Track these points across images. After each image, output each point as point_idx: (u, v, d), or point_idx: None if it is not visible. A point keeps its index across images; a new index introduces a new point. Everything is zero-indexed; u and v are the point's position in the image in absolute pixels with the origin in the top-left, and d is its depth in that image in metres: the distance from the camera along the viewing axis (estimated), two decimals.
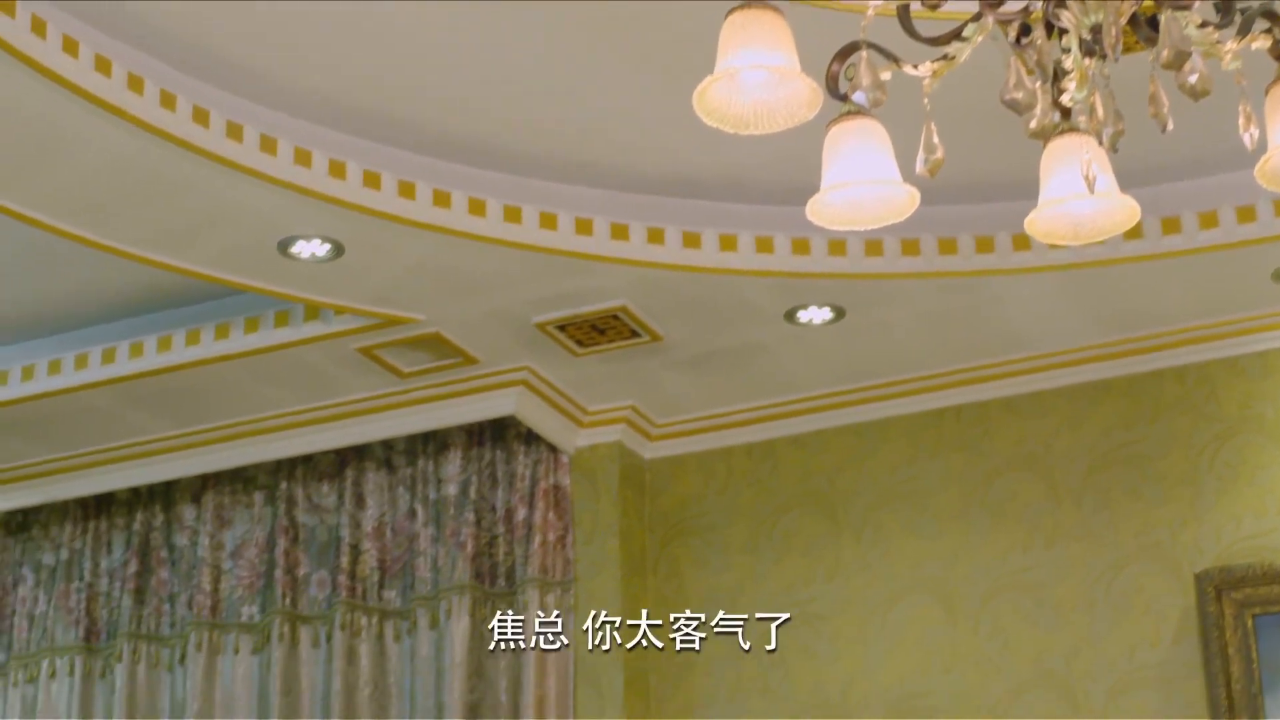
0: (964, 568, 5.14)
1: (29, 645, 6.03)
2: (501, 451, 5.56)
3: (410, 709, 5.44)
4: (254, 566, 5.77)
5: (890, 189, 2.63)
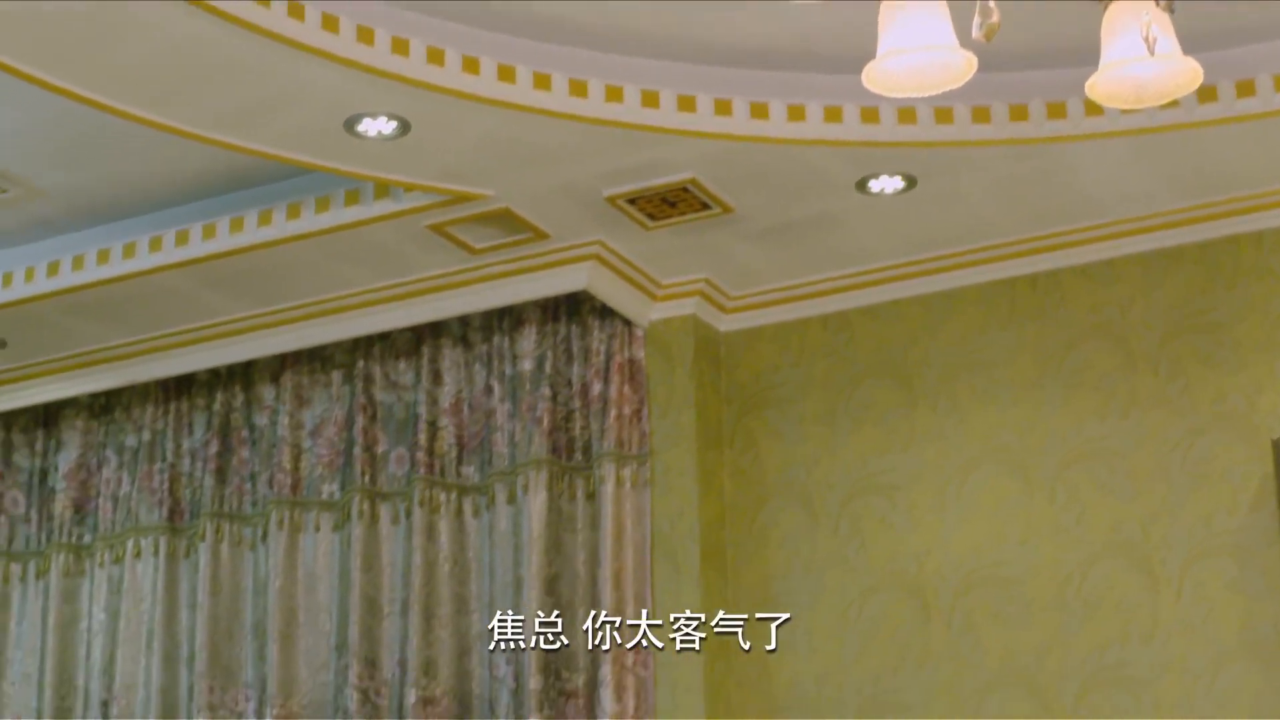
0: (1039, 437, 5.16)
1: (114, 526, 6.18)
2: (576, 326, 5.62)
3: (489, 583, 5.55)
4: (333, 445, 5.88)
5: (947, 54, 2.64)
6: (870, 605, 5.28)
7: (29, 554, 6.35)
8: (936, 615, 5.18)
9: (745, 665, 5.37)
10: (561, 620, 5.35)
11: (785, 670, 5.33)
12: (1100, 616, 4.99)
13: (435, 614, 5.53)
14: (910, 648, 5.20)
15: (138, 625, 6.02)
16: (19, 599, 6.34)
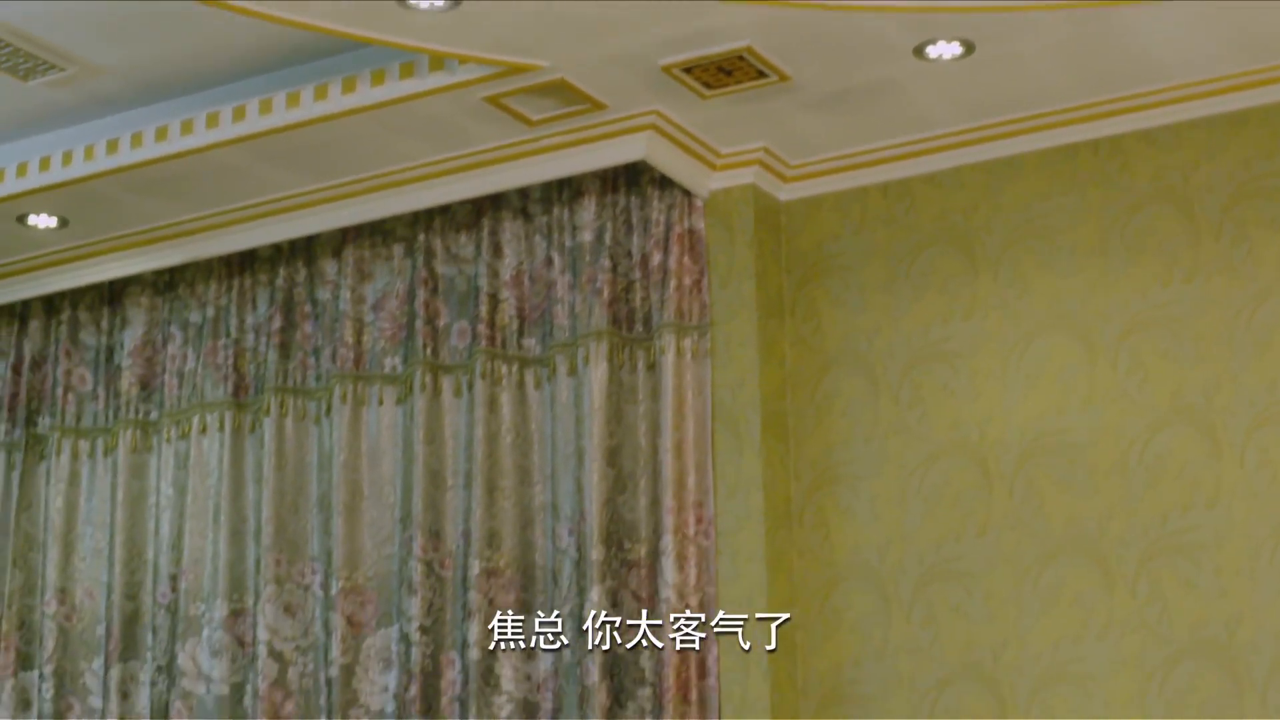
0: (1102, 303, 5.19)
1: (180, 402, 6.32)
2: (635, 197, 5.67)
3: (551, 455, 5.65)
4: (395, 318, 5.98)
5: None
6: (932, 473, 5.35)
7: (97, 431, 6.51)
8: (998, 483, 5.25)
9: (807, 533, 5.47)
10: (623, 490, 5.48)
11: (847, 538, 5.42)
12: (1163, 483, 5.05)
13: (498, 486, 5.65)
14: (972, 515, 5.28)
15: (204, 500, 6.18)
16: (88, 475, 6.51)
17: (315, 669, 5.88)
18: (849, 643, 5.37)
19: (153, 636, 6.18)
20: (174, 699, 6.07)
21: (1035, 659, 5.13)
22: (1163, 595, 5.01)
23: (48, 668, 6.32)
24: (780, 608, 5.37)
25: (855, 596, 5.39)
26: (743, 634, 5.30)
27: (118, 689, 6.19)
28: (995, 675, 5.17)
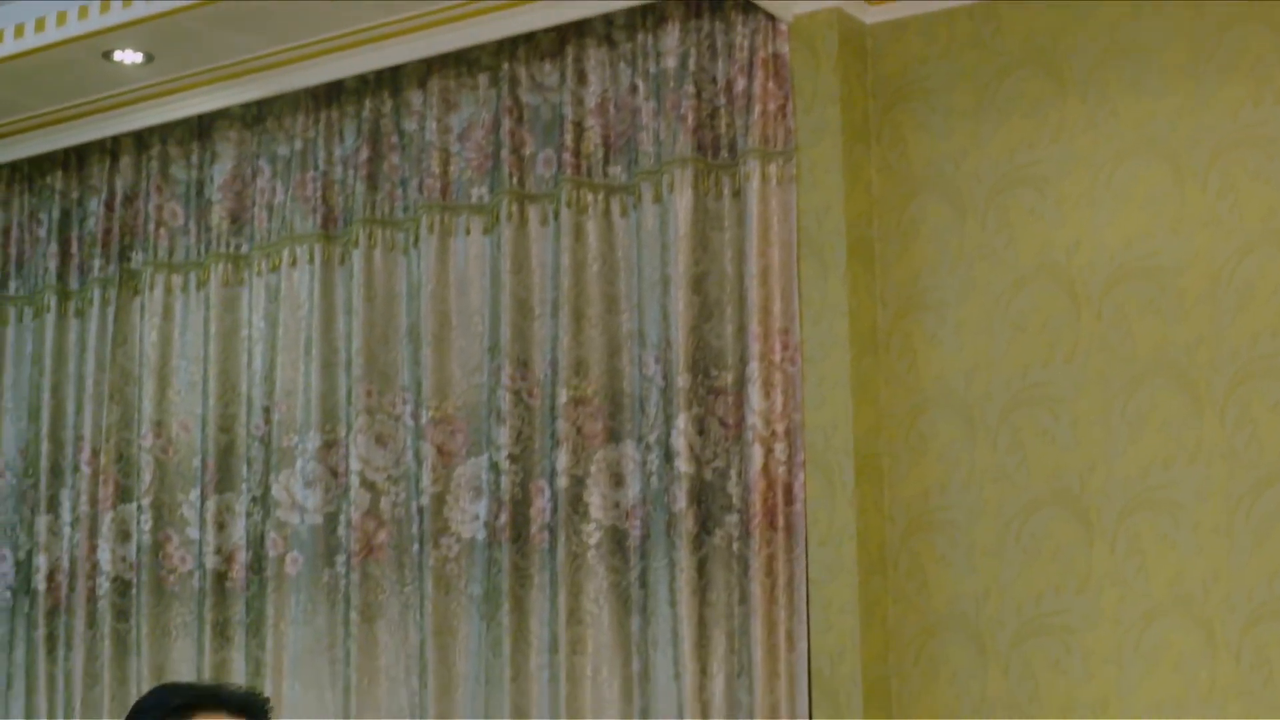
0: (1192, 125, 5.22)
1: (270, 235, 6.50)
2: (719, 22, 5.74)
3: (637, 283, 5.78)
4: (481, 148, 6.10)
5: None
6: (1019, 299, 5.42)
7: (189, 265, 6.70)
8: (1086, 307, 5.32)
9: (892, 360, 5.58)
10: (709, 318, 5.60)
11: (932, 365, 5.52)
12: (1252, 307, 5.09)
13: (585, 314, 5.79)
14: (1060, 340, 5.35)
15: (296, 332, 6.36)
16: (181, 309, 6.71)
17: (407, 498, 6.08)
18: (935, 469, 5.48)
19: (247, 468, 6.40)
20: (269, 529, 6.29)
21: (1123, 485, 5.22)
22: (1252, 420, 5.08)
23: (146, 500, 6.57)
24: (866, 434, 5.50)
25: (941, 423, 5.50)
26: (829, 460, 5.45)
27: (214, 520, 6.43)
28: (1082, 501, 5.27)
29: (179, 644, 6.47)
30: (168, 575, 6.53)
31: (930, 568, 5.46)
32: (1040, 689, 5.27)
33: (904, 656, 5.47)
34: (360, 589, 6.03)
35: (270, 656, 6.21)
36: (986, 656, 5.35)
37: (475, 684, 5.86)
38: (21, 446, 7.01)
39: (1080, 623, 5.23)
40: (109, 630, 6.59)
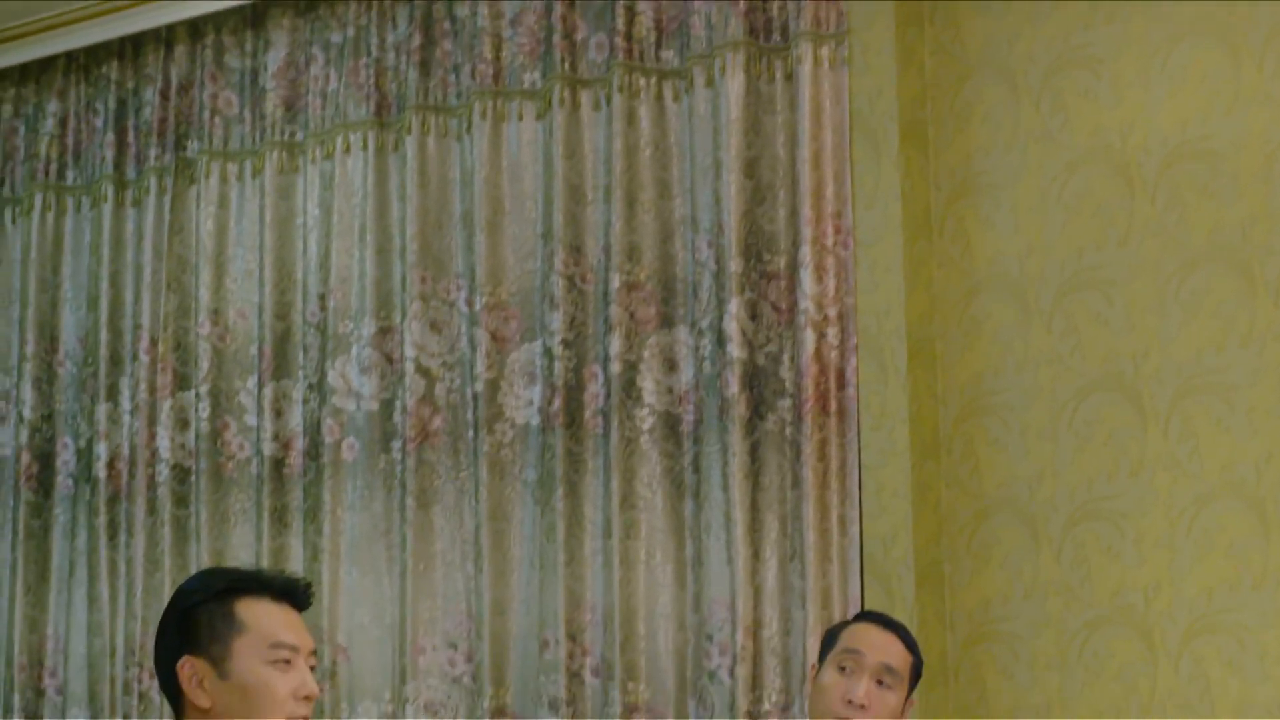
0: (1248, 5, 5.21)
1: (324, 123, 6.58)
2: None
3: (690, 168, 5.85)
4: (533, 33, 6.16)
5: None
6: (1073, 181, 5.46)
7: (244, 153, 6.80)
8: (1141, 189, 5.35)
9: (946, 244, 5.63)
10: (762, 202, 5.67)
11: (987, 248, 5.57)
12: None
13: (637, 199, 5.87)
14: (1114, 223, 5.39)
15: (350, 219, 6.46)
16: (237, 198, 6.82)
17: (461, 384, 6.19)
18: (988, 352, 5.55)
19: (303, 355, 6.52)
20: (325, 416, 6.42)
21: (1177, 369, 5.28)
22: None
23: (204, 387, 6.70)
24: (919, 318, 5.57)
25: (994, 307, 5.56)
26: (881, 344, 5.52)
27: (271, 407, 6.56)
28: (1136, 385, 5.33)
29: (238, 530, 6.62)
30: (226, 462, 6.67)
31: (983, 452, 5.54)
32: (1092, 573, 5.35)
33: (956, 540, 5.56)
34: (416, 475, 6.16)
35: (327, 542, 6.35)
36: (1039, 541, 5.43)
37: (530, 569, 5.99)
38: (81, 335, 7.16)
39: (1132, 507, 5.31)
40: (169, 517, 6.75)
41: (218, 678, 3.04)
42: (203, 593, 3.07)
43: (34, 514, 7.14)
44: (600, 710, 5.79)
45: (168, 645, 3.09)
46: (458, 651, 6.09)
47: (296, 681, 3.09)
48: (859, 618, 4.17)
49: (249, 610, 3.08)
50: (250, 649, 3.05)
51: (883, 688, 3.92)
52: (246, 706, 3.04)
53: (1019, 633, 5.45)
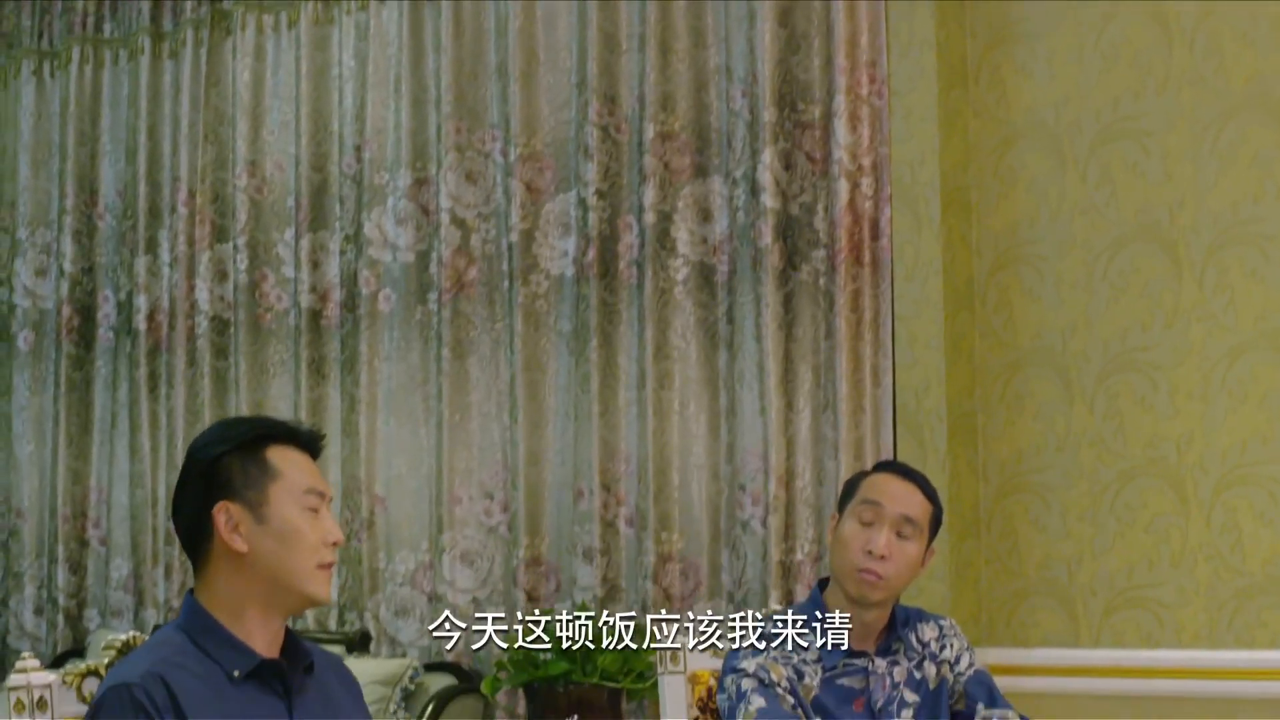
0: None
1: None
2: None
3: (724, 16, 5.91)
4: None
5: None
6: (1109, 29, 5.45)
7: (280, 4, 6.84)
8: (1178, 38, 5.34)
9: (981, 93, 5.64)
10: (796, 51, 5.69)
11: (1022, 97, 5.57)
12: None
13: (672, 48, 5.89)
14: (1151, 71, 5.37)
15: (385, 70, 6.51)
16: (272, 50, 6.87)
17: (496, 235, 6.26)
18: (1023, 202, 5.56)
19: (340, 207, 6.60)
20: (361, 268, 6.50)
21: (1212, 219, 5.29)
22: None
23: (241, 240, 6.79)
24: (953, 167, 5.59)
25: (1030, 155, 5.57)
26: (915, 194, 5.55)
27: (308, 259, 6.65)
28: (1171, 236, 5.35)
29: (276, 381, 6.73)
30: (264, 314, 6.77)
31: (1017, 301, 5.57)
32: (1125, 424, 5.40)
33: (989, 391, 5.61)
34: (451, 326, 6.25)
35: (364, 393, 6.45)
36: (1072, 392, 5.48)
37: (564, 419, 6.08)
38: (119, 188, 7.25)
39: (1166, 358, 5.34)
40: (209, 368, 6.87)
41: (255, 523, 3.05)
42: (232, 441, 3.08)
43: (75, 367, 7.28)
44: (634, 560, 5.90)
45: (195, 494, 3.06)
46: (493, 501, 6.20)
47: (326, 527, 3.11)
48: (879, 468, 4.17)
49: (280, 457, 3.11)
50: (285, 494, 3.08)
51: (902, 539, 3.92)
52: (284, 550, 3.06)
53: (1051, 484, 5.52)
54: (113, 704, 2.87)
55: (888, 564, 3.93)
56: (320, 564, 3.08)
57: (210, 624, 3.03)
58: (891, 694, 3.97)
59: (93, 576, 7.14)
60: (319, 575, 3.08)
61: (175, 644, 3.01)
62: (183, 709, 2.88)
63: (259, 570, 3.03)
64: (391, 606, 6.36)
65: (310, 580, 3.06)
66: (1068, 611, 5.48)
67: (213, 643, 3.01)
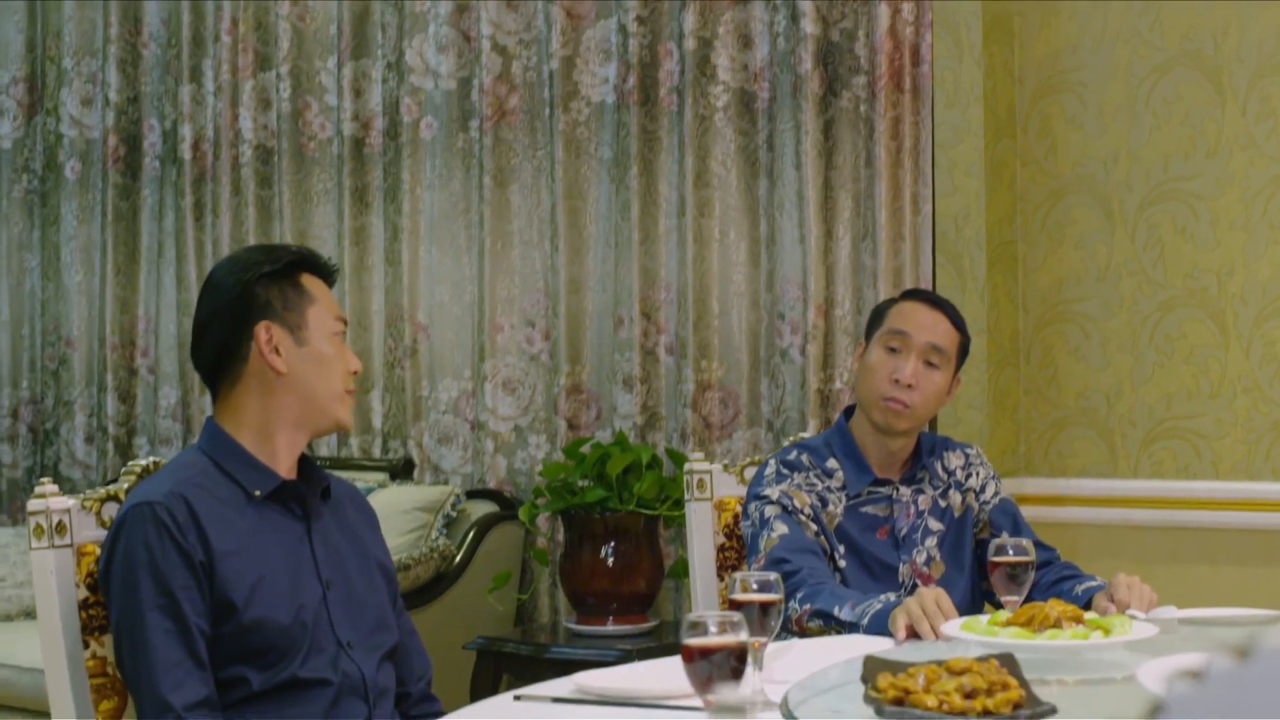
0: None
1: None
2: None
3: None
4: None
5: None
6: None
7: None
8: None
9: None
10: None
11: None
12: None
13: None
14: None
15: None
16: None
17: (537, 62, 6.29)
18: (1066, 28, 5.57)
19: (381, 34, 6.63)
20: (404, 95, 6.54)
21: (1256, 47, 5.29)
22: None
23: (284, 68, 6.84)
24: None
25: None
26: (956, 20, 5.54)
27: (351, 87, 6.69)
28: (1215, 62, 5.35)
29: (320, 209, 6.81)
30: (308, 142, 6.83)
31: (1059, 130, 5.59)
32: (1166, 253, 5.43)
33: (1030, 220, 5.64)
34: (493, 153, 6.30)
35: (407, 221, 6.52)
36: (1113, 221, 5.51)
37: (605, 247, 6.14)
38: (164, 17, 7.30)
39: (1209, 188, 5.36)
40: (253, 197, 6.95)
41: (295, 345, 3.15)
42: (268, 265, 3.14)
43: (122, 196, 7.38)
44: (673, 388, 5.98)
45: (230, 316, 3.15)
46: (535, 329, 6.27)
47: (349, 355, 3.24)
48: (906, 295, 4.17)
49: (312, 284, 3.19)
50: (320, 320, 3.17)
51: (930, 368, 3.95)
52: (319, 373, 3.16)
53: (1091, 314, 5.56)
54: (134, 522, 2.98)
55: (914, 393, 3.98)
56: (347, 389, 3.22)
57: (232, 446, 3.14)
58: (915, 522, 4.04)
59: (142, 404, 7.28)
60: (345, 400, 3.23)
61: (198, 466, 3.12)
62: (204, 527, 3.00)
63: (294, 391, 3.16)
64: (435, 434, 6.48)
65: (338, 403, 3.20)
66: (1106, 442, 5.54)
67: (234, 464, 3.13)
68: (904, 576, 3.99)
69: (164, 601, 2.94)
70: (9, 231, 7.72)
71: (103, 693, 3.12)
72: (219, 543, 3.01)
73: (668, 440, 5.97)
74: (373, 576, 3.29)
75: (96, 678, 3.12)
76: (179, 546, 2.96)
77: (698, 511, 4.26)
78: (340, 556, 3.23)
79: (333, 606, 3.16)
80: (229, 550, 3.02)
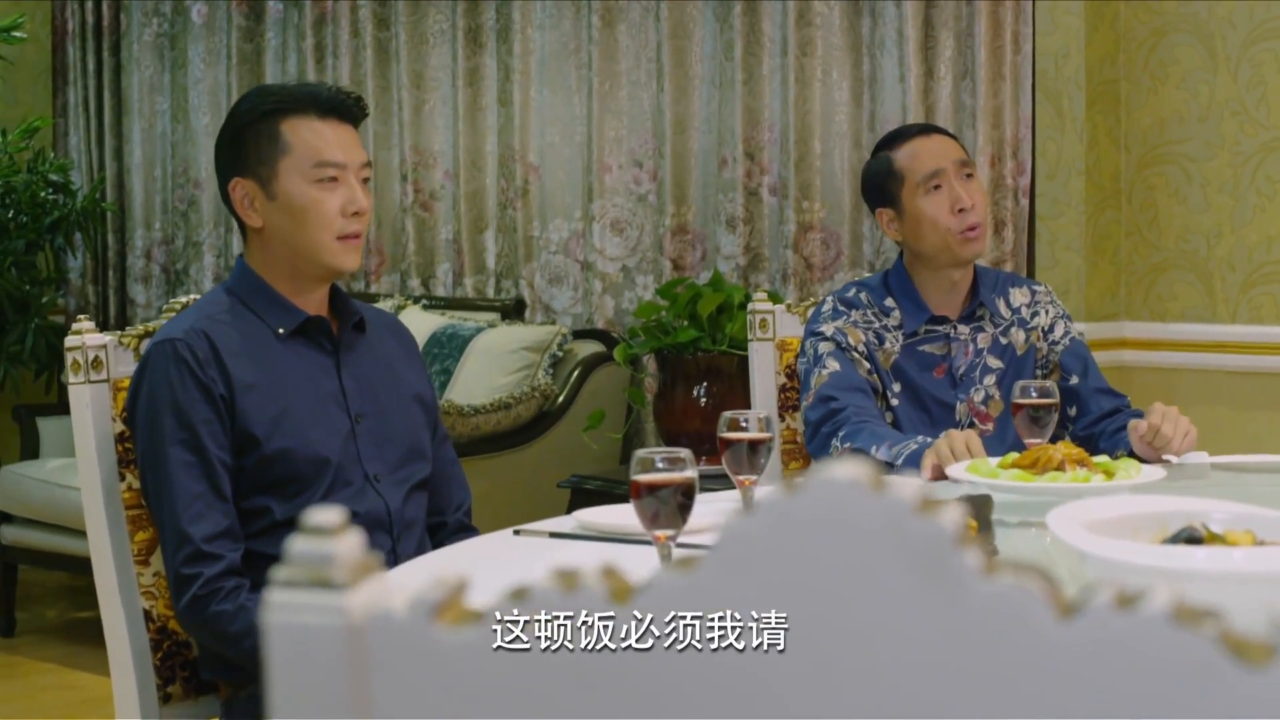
0: None
1: None
2: None
3: None
4: None
5: None
6: None
7: None
8: None
9: None
10: None
11: None
12: None
13: None
14: None
15: None
16: None
17: None
18: None
19: None
20: None
21: None
22: None
23: None
24: None
25: None
26: None
27: None
28: None
29: (435, 51, 7.02)
30: None
31: None
32: (1269, 94, 5.48)
33: (1132, 59, 5.70)
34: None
35: (518, 62, 6.71)
36: (1216, 60, 5.55)
37: (709, 87, 6.29)
38: None
39: None
40: (370, 39, 7.16)
41: (266, 198, 3.17)
42: (251, 114, 3.19)
43: (246, 39, 7.63)
44: (776, 229, 6.13)
45: (221, 167, 3.23)
46: (642, 170, 6.45)
47: (345, 198, 3.18)
48: (894, 142, 4.23)
49: (294, 130, 3.17)
50: (294, 168, 3.15)
51: (970, 179, 4.08)
52: (296, 225, 3.16)
53: (1193, 154, 5.62)
54: (157, 358, 3.12)
55: (978, 209, 4.07)
56: (340, 235, 3.19)
57: (258, 284, 3.24)
58: (974, 360, 4.13)
59: None
60: (337, 247, 3.20)
61: (223, 303, 3.23)
62: (224, 361, 3.11)
63: (276, 245, 3.21)
64: (546, 274, 6.69)
65: (328, 253, 3.19)
66: (1205, 286, 5.61)
67: (260, 302, 3.22)
68: (961, 415, 4.09)
69: (185, 435, 3.05)
70: (140, 75, 8.02)
71: (138, 524, 3.25)
72: (240, 376, 3.11)
73: (770, 281, 6.12)
74: (408, 408, 3.35)
75: (132, 509, 3.24)
76: (198, 380, 3.07)
77: (760, 352, 4.39)
78: (373, 389, 3.30)
79: (361, 439, 3.23)
80: (249, 384, 3.12)
